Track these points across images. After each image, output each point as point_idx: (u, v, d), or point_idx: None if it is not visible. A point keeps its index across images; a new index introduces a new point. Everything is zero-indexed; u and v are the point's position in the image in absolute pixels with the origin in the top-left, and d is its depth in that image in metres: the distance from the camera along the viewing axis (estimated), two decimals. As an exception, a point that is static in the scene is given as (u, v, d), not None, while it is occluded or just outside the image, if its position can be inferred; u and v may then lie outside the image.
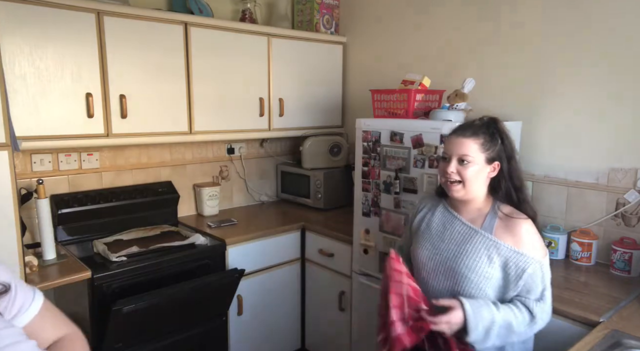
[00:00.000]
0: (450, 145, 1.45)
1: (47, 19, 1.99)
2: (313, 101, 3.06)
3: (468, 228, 1.45)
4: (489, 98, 2.41)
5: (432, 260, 1.48)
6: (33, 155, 2.29)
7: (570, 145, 2.17)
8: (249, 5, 2.85)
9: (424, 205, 1.63)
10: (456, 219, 1.49)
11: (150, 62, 2.32)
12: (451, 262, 1.43)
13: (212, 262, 2.34)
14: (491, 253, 1.38)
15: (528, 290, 1.36)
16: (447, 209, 1.53)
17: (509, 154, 1.44)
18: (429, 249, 1.50)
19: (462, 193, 1.43)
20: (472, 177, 1.41)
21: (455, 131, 1.47)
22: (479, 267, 1.38)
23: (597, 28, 2.05)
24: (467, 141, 1.41)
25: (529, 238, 1.38)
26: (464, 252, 1.41)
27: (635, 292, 1.75)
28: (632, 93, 1.98)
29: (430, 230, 1.54)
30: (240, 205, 3.17)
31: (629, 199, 1.99)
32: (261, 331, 2.65)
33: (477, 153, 1.40)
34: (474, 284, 1.38)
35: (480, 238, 1.41)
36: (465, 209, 1.48)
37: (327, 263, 2.63)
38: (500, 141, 1.43)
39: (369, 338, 2.41)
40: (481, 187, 1.45)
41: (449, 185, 1.44)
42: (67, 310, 2.33)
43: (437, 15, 2.65)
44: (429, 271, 1.48)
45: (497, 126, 1.45)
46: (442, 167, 1.47)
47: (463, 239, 1.44)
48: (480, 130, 1.43)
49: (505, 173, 1.43)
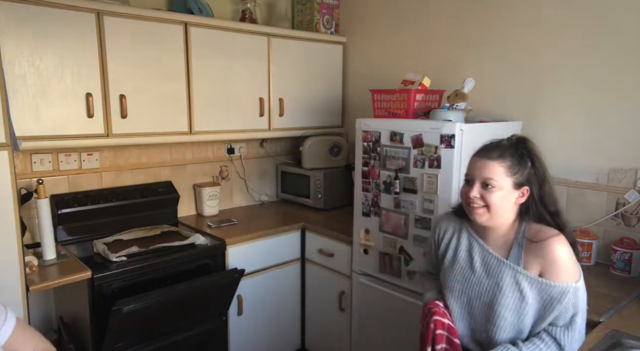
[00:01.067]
0: (474, 167, 1.34)
1: (47, 19, 1.99)
2: (313, 101, 3.06)
3: (496, 260, 1.34)
4: (489, 99, 2.41)
5: (465, 294, 1.38)
6: (33, 155, 2.29)
7: (570, 145, 2.17)
8: (249, 5, 2.85)
9: (445, 229, 1.51)
10: (483, 248, 1.38)
11: (151, 62, 2.32)
12: (485, 298, 1.33)
13: (212, 262, 2.33)
14: (523, 287, 1.28)
15: (557, 317, 1.27)
16: (472, 236, 1.42)
17: (541, 178, 1.32)
18: (460, 282, 1.40)
19: (485, 218, 1.32)
20: (498, 202, 1.29)
21: (480, 152, 1.36)
22: (512, 304, 1.28)
23: (597, 28, 2.05)
24: (493, 164, 1.29)
25: (562, 261, 1.26)
26: (497, 287, 1.31)
27: (635, 292, 1.75)
28: (632, 93, 1.98)
29: (458, 260, 1.43)
30: (240, 205, 3.17)
31: (629, 199, 1.99)
32: (261, 331, 2.65)
33: (503, 178, 1.29)
34: (508, 321, 1.30)
35: (509, 271, 1.30)
36: (491, 236, 1.37)
37: (327, 263, 2.63)
38: (531, 164, 1.31)
39: (368, 338, 2.41)
40: (508, 213, 1.33)
41: (472, 209, 1.33)
42: (67, 310, 2.34)
43: (437, 15, 2.65)
44: (462, 305, 1.39)
45: (526, 147, 1.33)
46: (464, 190, 1.36)
47: (493, 272, 1.33)
48: (507, 152, 1.31)
49: (537, 198, 1.31)
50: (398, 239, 2.16)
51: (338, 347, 2.62)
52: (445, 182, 1.95)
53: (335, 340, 2.65)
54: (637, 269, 1.90)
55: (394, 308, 2.23)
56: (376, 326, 2.35)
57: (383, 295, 2.28)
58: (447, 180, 1.95)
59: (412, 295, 2.14)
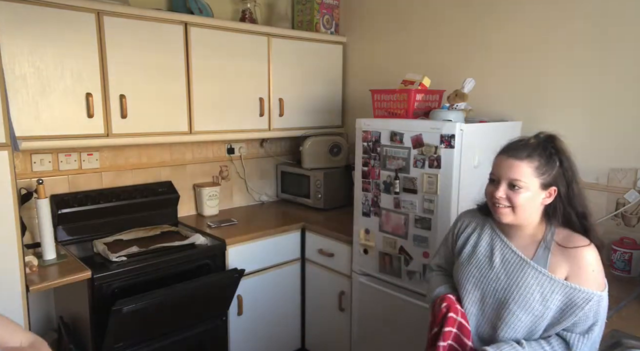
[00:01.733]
0: (500, 166, 1.29)
1: (47, 19, 1.99)
2: (313, 101, 3.06)
3: (519, 259, 1.30)
4: (489, 99, 2.41)
5: (479, 288, 1.35)
6: (33, 155, 2.29)
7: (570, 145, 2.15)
8: (249, 5, 2.85)
9: (467, 224, 1.48)
10: (506, 246, 1.34)
11: (150, 62, 2.32)
12: (500, 295, 1.30)
13: (212, 262, 2.33)
14: (544, 290, 1.24)
15: (575, 323, 1.23)
16: (496, 232, 1.39)
17: (569, 178, 1.27)
18: (475, 277, 1.37)
19: (510, 218, 1.29)
20: (524, 204, 1.26)
21: (506, 150, 1.31)
22: (530, 306, 1.25)
23: (597, 28, 2.05)
24: (520, 164, 1.25)
25: (591, 268, 1.23)
26: (515, 286, 1.28)
27: (635, 292, 1.75)
28: (632, 93, 1.98)
29: (476, 254, 1.39)
30: (240, 205, 3.17)
31: (629, 199, 1.99)
32: (261, 331, 2.65)
33: (530, 178, 1.24)
34: (522, 322, 1.26)
35: (532, 272, 1.27)
36: (516, 234, 1.34)
37: (327, 263, 2.63)
38: (559, 163, 1.27)
39: (368, 338, 2.41)
40: (534, 213, 1.30)
41: (497, 209, 1.30)
42: (67, 310, 2.34)
43: (438, 15, 2.65)
44: (474, 301, 1.36)
45: (555, 145, 1.30)
46: (489, 189, 1.33)
47: (513, 270, 1.30)
48: (535, 152, 1.27)
49: (564, 199, 1.28)
50: (398, 239, 2.16)
51: (338, 347, 2.62)
52: (445, 182, 1.95)
53: (335, 340, 2.65)
54: (637, 269, 1.90)
55: (394, 308, 2.23)
56: (376, 326, 2.35)
57: (383, 295, 2.28)
58: (447, 180, 1.95)
59: (412, 295, 2.14)
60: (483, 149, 1.96)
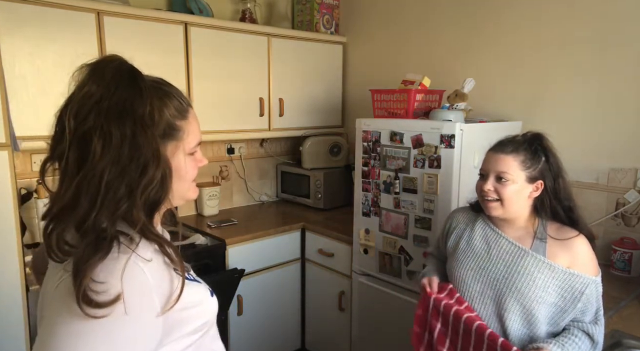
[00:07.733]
0: (488, 161, 1.37)
1: (47, 19, 1.99)
2: (313, 101, 3.06)
3: (517, 248, 1.34)
4: (489, 99, 2.41)
5: (479, 281, 1.37)
6: (33, 155, 2.29)
7: (570, 145, 2.16)
8: (249, 5, 2.85)
9: (456, 222, 1.52)
10: (501, 237, 1.38)
11: (150, 62, 2.30)
12: (501, 284, 1.32)
13: (212, 262, 2.33)
14: (545, 276, 1.28)
15: (583, 311, 1.29)
16: (489, 225, 1.43)
17: (555, 173, 1.34)
18: (473, 269, 1.39)
19: (499, 212, 1.35)
20: (511, 196, 1.32)
21: (494, 147, 1.39)
22: (532, 292, 1.28)
23: (597, 28, 2.05)
24: (506, 158, 1.33)
25: (585, 255, 1.30)
26: (515, 274, 1.31)
27: (635, 292, 1.75)
28: (632, 93, 1.98)
29: (472, 248, 1.42)
30: (240, 205, 3.17)
31: (629, 199, 1.99)
32: (261, 331, 2.65)
33: (516, 171, 1.32)
34: (526, 309, 1.29)
35: (532, 260, 1.31)
36: (509, 227, 1.39)
37: (327, 263, 2.63)
38: (545, 159, 1.34)
39: (368, 338, 2.41)
40: (522, 206, 1.35)
41: (486, 203, 1.36)
42: (67, 310, 2.32)
43: (437, 15, 2.65)
44: (474, 294, 1.38)
45: (541, 143, 1.36)
46: (479, 184, 1.40)
47: (512, 260, 1.33)
48: (521, 147, 1.34)
49: (551, 193, 1.34)
50: (398, 239, 2.16)
51: (338, 347, 2.62)
52: (445, 182, 1.95)
53: (335, 340, 2.65)
54: (637, 269, 1.90)
55: (394, 308, 2.23)
56: (376, 326, 2.35)
57: (383, 295, 2.28)
58: (447, 180, 1.95)
59: (412, 295, 2.14)
60: (483, 149, 1.95)
